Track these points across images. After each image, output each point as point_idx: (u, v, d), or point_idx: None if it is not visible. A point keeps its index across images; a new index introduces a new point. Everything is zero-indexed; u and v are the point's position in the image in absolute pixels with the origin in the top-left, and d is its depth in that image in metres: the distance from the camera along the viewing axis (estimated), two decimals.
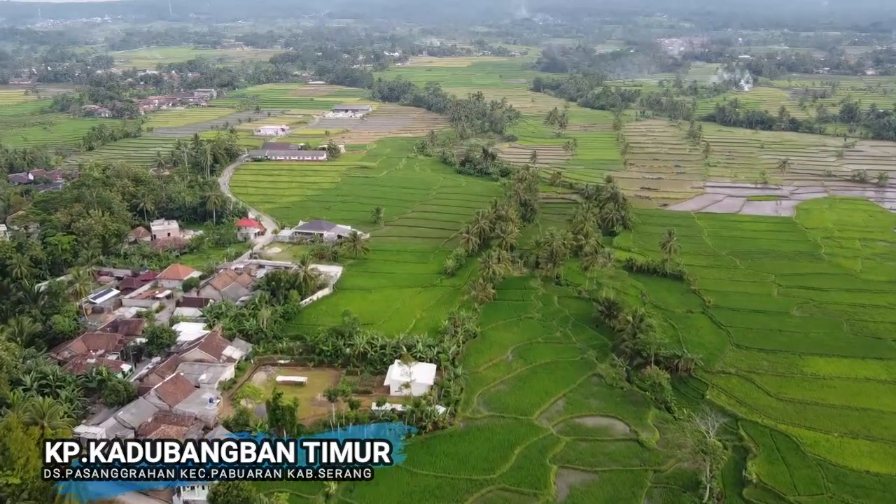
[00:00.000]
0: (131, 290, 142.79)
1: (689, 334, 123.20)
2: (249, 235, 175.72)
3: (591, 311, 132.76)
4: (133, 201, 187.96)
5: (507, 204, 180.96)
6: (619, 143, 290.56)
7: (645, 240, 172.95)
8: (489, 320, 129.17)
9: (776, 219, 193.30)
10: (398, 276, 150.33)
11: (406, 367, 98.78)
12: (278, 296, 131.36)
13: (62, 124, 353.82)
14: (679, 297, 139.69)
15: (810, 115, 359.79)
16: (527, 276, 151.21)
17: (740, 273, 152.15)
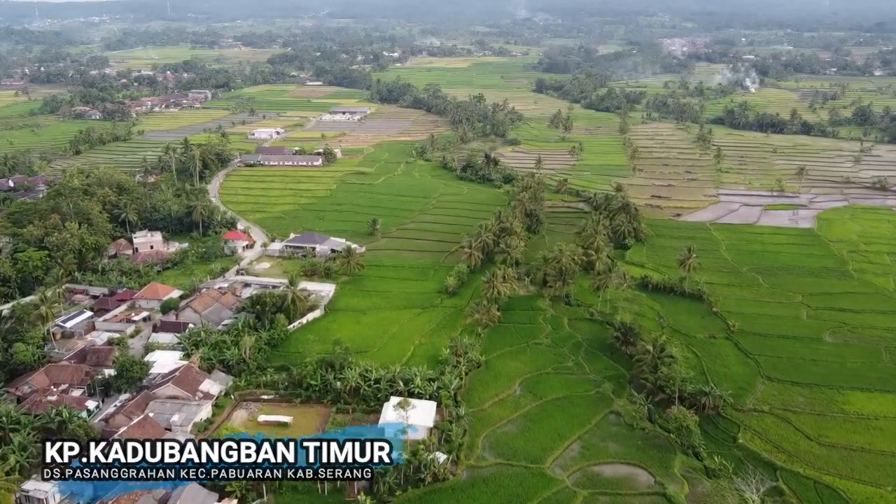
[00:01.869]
0: (106, 311, 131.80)
1: (713, 364, 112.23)
2: (237, 249, 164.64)
3: (605, 335, 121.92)
4: (115, 211, 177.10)
5: (512, 215, 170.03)
6: (627, 148, 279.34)
7: (659, 254, 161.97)
8: (494, 347, 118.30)
9: (797, 231, 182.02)
10: (395, 295, 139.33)
11: (402, 411, 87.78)
12: (264, 320, 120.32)
13: (51, 127, 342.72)
14: (700, 320, 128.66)
15: (822, 118, 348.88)
16: (534, 294, 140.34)
17: (764, 292, 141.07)
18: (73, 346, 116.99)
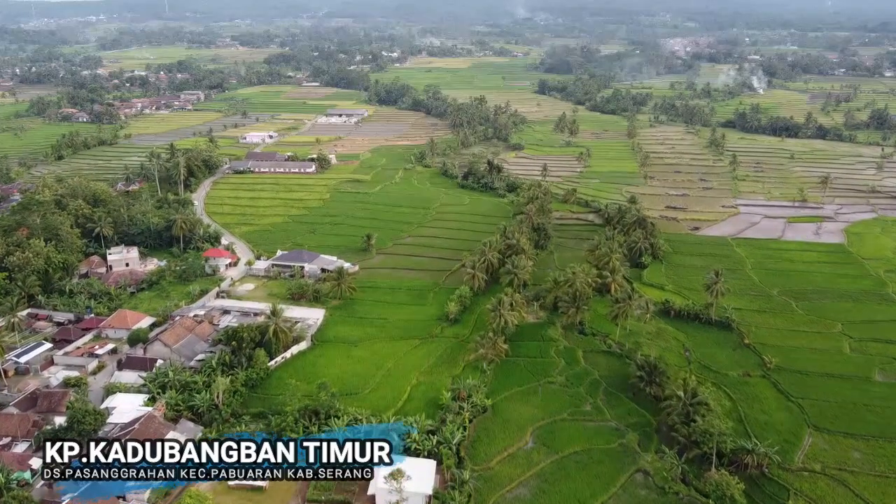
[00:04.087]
0: (68, 341, 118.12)
1: (751, 409, 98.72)
2: (219, 267, 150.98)
3: (626, 370, 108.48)
4: (88, 225, 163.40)
5: (518, 230, 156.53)
6: (636, 153, 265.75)
7: (680, 274, 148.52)
8: (502, 386, 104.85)
9: (827, 247, 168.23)
10: (391, 323, 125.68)
11: (395, 483, 74.16)
12: (241, 356, 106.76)
13: (35, 130, 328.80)
14: (730, 354, 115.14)
15: (837, 122, 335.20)
16: (544, 321, 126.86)
17: (799, 320, 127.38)
18: (25, 387, 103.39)
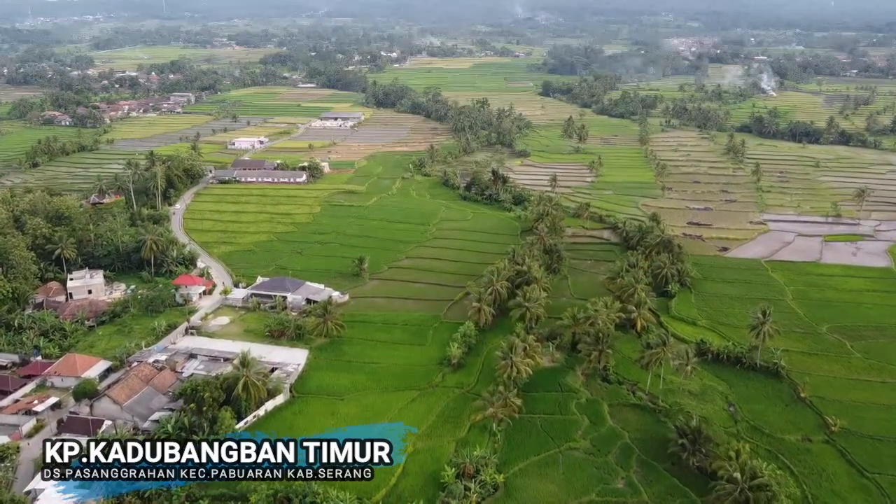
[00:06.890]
0: (5, 393, 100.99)
1: (818, 489, 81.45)
2: (191, 297, 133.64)
3: (661, 431, 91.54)
4: (48, 247, 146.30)
5: (529, 254, 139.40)
6: (650, 161, 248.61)
7: (712, 306, 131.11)
8: (515, 454, 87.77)
9: (873, 272, 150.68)
10: (383, 368, 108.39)
11: None
12: (202, 419, 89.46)
13: (14, 134, 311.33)
14: (783, 411, 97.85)
15: (858, 126, 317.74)
16: (561, 366, 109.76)
17: (858, 365, 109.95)
18: None
